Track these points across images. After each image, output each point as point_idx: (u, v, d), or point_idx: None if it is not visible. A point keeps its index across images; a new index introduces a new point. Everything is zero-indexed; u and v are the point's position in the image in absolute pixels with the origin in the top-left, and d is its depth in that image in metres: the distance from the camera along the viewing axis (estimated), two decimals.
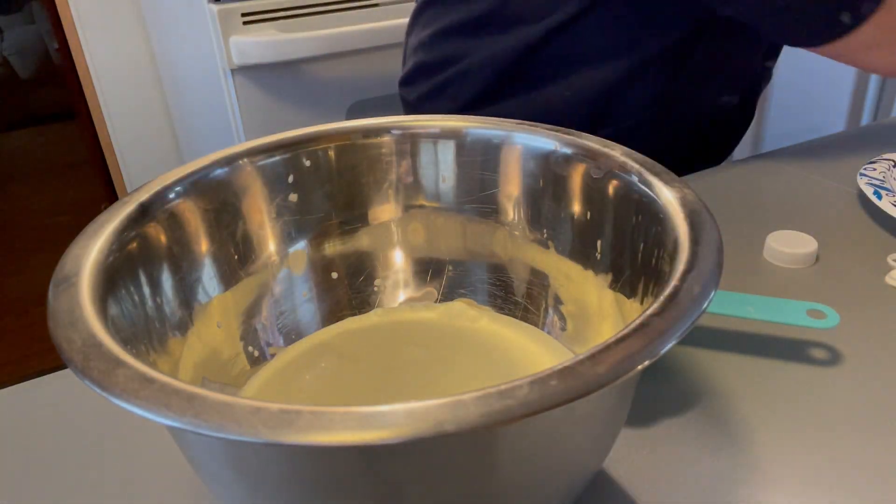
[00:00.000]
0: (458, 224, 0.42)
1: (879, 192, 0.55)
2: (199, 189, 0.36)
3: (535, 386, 0.21)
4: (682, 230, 0.29)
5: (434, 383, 0.38)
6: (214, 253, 0.37)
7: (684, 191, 0.32)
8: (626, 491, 0.34)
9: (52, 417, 0.40)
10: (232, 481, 0.25)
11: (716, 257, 0.27)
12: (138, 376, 0.22)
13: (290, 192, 0.40)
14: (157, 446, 0.37)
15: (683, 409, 0.39)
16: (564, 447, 0.26)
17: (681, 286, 0.25)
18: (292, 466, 0.24)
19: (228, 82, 1.37)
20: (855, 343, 0.43)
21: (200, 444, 0.25)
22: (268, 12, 1.35)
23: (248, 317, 0.39)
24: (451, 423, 0.19)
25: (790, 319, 0.40)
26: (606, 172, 0.36)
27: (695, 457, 0.35)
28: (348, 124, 0.41)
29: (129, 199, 0.33)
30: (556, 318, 0.41)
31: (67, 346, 0.23)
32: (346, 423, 0.20)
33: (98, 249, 0.29)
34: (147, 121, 1.92)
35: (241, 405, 0.20)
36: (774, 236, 0.52)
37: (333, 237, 0.42)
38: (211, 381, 0.35)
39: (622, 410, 0.29)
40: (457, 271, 0.43)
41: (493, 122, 0.41)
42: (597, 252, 0.38)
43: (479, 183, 0.41)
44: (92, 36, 1.78)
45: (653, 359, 0.22)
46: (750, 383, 0.40)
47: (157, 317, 0.33)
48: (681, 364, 0.42)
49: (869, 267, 0.50)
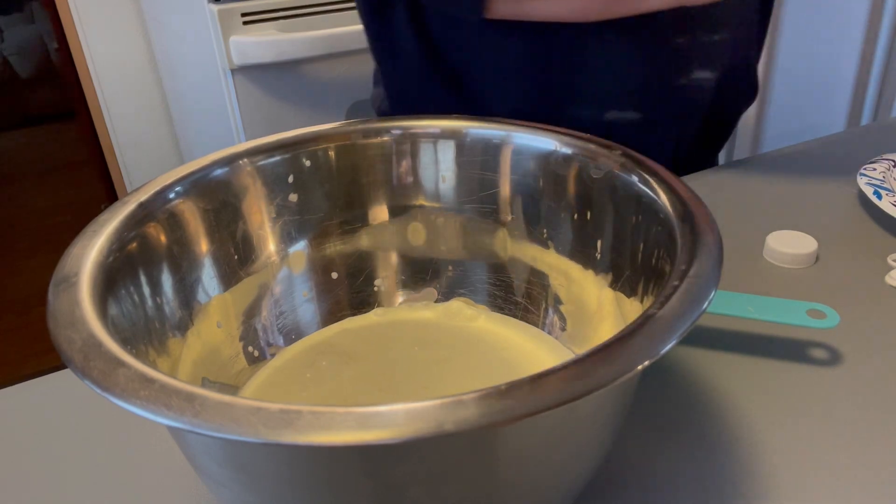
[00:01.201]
0: (458, 224, 0.42)
1: (879, 192, 0.55)
2: (199, 189, 0.36)
3: (536, 386, 0.21)
4: (682, 230, 0.29)
5: (434, 383, 0.38)
6: (214, 253, 0.37)
7: (684, 191, 0.32)
8: (626, 491, 0.34)
9: (52, 417, 0.40)
10: (232, 481, 0.25)
11: (716, 257, 0.27)
12: (138, 376, 0.22)
13: (290, 192, 0.40)
14: (157, 446, 0.37)
15: (683, 409, 0.38)
16: (564, 447, 0.26)
17: (681, 286, 0.25)
18: (292, 466, 0.24)
19: (228, 82, 1.37)
20: (855, 343, 0.43)
21: (200, 444, 0.25)
22: (268, 12, 1.35)
23: (248, 317, 0.39)
24: (451, 423, 0.19)
25: (790, 319, 0.40)
26: (606, 172, 0.36)
27: (695, 457, 0.35)
28: (348, 124, 0.41)
29: (129, 199, 0.33)
30: (556, 318, 0.41)
31: (67, 346, 0.23)
32: (346, 423, 0.20)
33: (98, 249, 0.29)
34: (147, 121, 1.92)
35: (241, 405, 0.20)
36: (774, 236, 0.52)
37: (333, 237, 0.42)
38: (211, 381, 0.35)
39: (622, 410, 0.29)
40: (457, 271, 0.43)
41: (494, 122, 0.41)
42: (597, 252, 0.38)
43: (479, 183, 0.41)
44: (92, 36, 1.78)
45: (653, 359, 0.22)
46: (750, 383, 0.40)
47: (157, 317, 0.33)
48: (681, 364, 0.42)
49: (869, 267, 0.50)
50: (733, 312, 0.41)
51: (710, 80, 0.65)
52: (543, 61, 0.61)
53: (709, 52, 0.64)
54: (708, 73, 0.65)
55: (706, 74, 0.65)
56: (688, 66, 0.64)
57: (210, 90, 1.46)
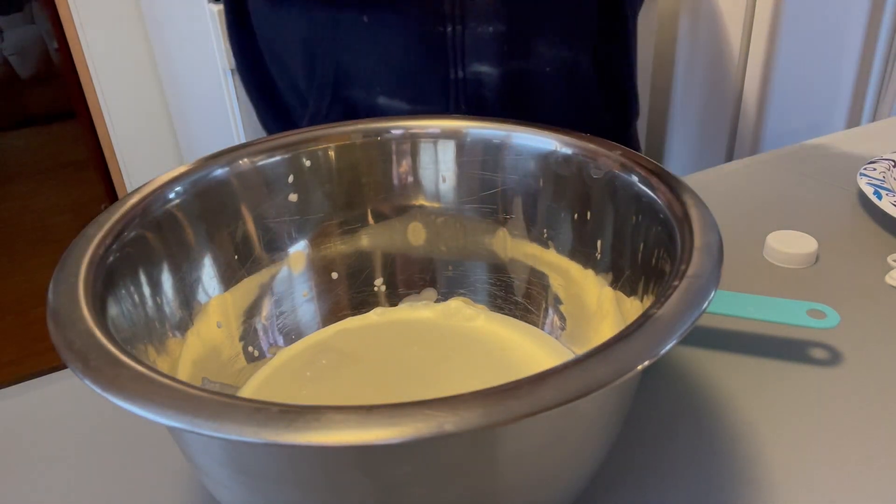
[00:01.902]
0: (458, 224, 0.42)
1: (879, 192, 0.55)
2: (198, 189, 0.36)
3: (535, 386, 0.21)
4: (682, 230, 0.29)
5: (433, 383, 0.38)
6: (214, 253, 0.37)
7: (684, 191, 0.32)
8: (625, 491, 0.34)
9: (52, 417, 0.40)
10: (232, 481, 0.25)
11: (716, 257, 0.27)
12: (138, 376, 0.22)
13: (290, 192, 0.40)
14: (157, 446, 0.37)
15: (683, 409, 0.38)
16: (564, 447, 0.26)
17: (681, 286, 0.25)
18: (292, 466, 0.24)
19: (228, 82, 1.37)
20: (855, 343, 0.43)
21: (200, 444, 0.25)
22: None
23: (248, 317, 0.39)
24: (451, 423, 0.19)
25: (790, 319, 0.40)
26: (606, 172, 0.36)
27: (695, 457, 0.35)
28: (348, 124, 0.41)
29: (129, 199, 0.33)
30: (556, 318, 0.41)
31: (67, 346, 0.23)
32: (346, 423, 0.20)
33: (98, 249, 0.29)
34: (147, 121, 1.92)
35: (241, 405, 0.20)
36: (774, 236, 0.52)
37: (333, 237, 0.42)
38: (211, 381, 0.35)
39: (622, 410, 0.29)
40: (456, 271, 0.43)
41: (494, 122, 0.41)
42: (597, 252, 0.38)
43: (479, 183, 0.41)
44: (92, 36, 1.78)
45: (653, 359, 0.22)
46: (750, 383, 0.40)
47: (157, 317, 0.33)
48: (681, 364, 0.42)
49: (869, 267, 0.50)
50: (733, 312, 0.41)
51: (491, 74, 0.60)
52: (323, 34, 0.60)
53: (485, 45, 0.59)
54: (487, 67, 0.60)
55: (485, 68, 0.60)
56: (462, 60, 0.59)
57: (210, 90, 1.46)
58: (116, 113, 1.88)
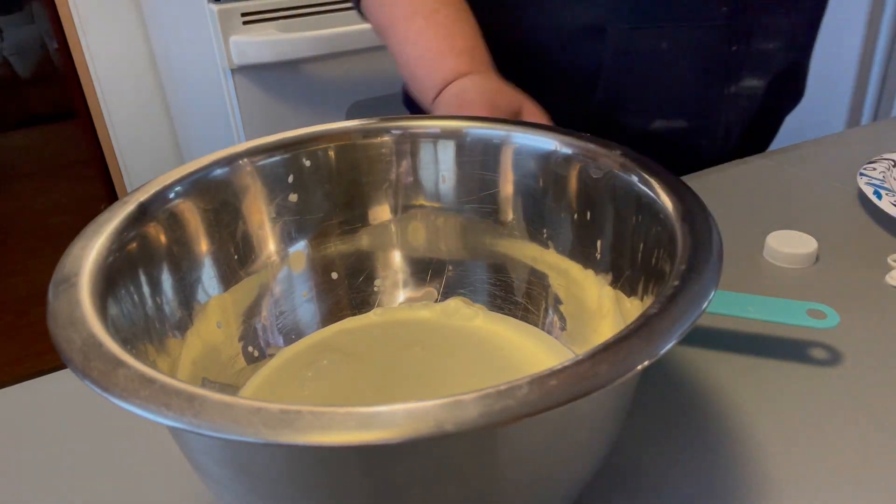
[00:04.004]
0: (458, 224, 0.42)
1: (879, 192, 0.55)
2: (199, 189, 0.36)
3: (535, 386, 0.21)
4: (682, 230, 0.29)
5: (433, 383, 0.38)
6: (214, 253, 0.37)
7: (684, 191, 0.32)
8: (626, 491, 0.34)
9: (52, 417, 0.40)
10: (232, 481, 0.25)
11: (716, 257, 0.27)
12: (138, 376, 0.22)
13: (290, 192, 0.40)
14: (157, 446, 0.37)
15: (683, 409, 0.38)
16: (564, 447, 0.26)
17: (681, 286, 0.25)
18: (292, 466, 0.24)
19: (228, 82, 1.37)
20: (855, 343, 0.43)
21: (200, 444, 0.25)
22: (268, 12, 1.35)
23: (248, 317, 0.39)
24: (451, 423, 0.19)
25: (790, 319, 0.40)
26: (606, 172, 0.36)
27: (695, 457, 0.35)
28: (348, 124, 0.41)
29: (129, 199, 0.33)
30: (556, 318, 0.41)
31: (67, 346, 0.23)
32: (346, 423, 0.20)
33: (98, 249, 0.29)
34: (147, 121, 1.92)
35: (241, 405, 0.20)
36: (774, 236, 0.52)
37: (333, 237, 0.42)
38: (211, 381, 0.35)
39: (622, 410, 0.29)
40: (457, 271, 0.43)
41: (493, 123, 0.41)
42: (597, 252, 0.38)
43: (479, 183, 0.41)
44: (92, 36, 1.78)
45: (653, 359, 0.22)
46: (750, 383, 0.40)
47: (157, 317, 0.33)
48: (681, 364, 0.42)
49: (869, 267, 0.50)
50: (733, 312, 0.41)
51: (758, 87, 0.65)
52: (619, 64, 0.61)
53: (761, 61, 0.64)
54: (756, 80, 0.65)
55: (755, 82, 0.65)
56: (738, 75, 0.64)
57: (210, 90, 1.46)
58: (116, 113, 1.88)
